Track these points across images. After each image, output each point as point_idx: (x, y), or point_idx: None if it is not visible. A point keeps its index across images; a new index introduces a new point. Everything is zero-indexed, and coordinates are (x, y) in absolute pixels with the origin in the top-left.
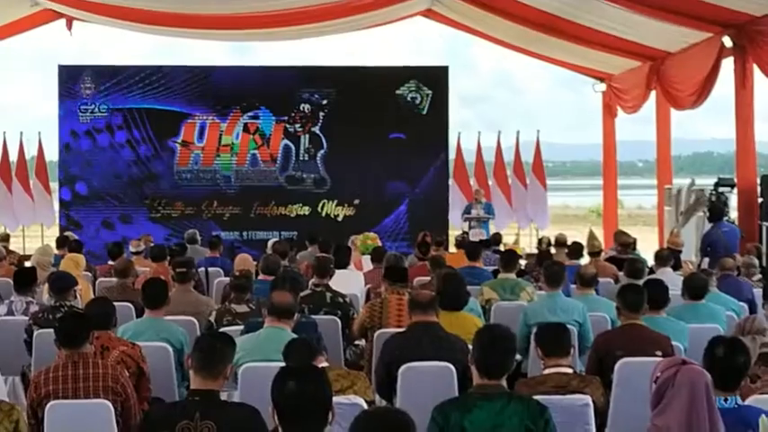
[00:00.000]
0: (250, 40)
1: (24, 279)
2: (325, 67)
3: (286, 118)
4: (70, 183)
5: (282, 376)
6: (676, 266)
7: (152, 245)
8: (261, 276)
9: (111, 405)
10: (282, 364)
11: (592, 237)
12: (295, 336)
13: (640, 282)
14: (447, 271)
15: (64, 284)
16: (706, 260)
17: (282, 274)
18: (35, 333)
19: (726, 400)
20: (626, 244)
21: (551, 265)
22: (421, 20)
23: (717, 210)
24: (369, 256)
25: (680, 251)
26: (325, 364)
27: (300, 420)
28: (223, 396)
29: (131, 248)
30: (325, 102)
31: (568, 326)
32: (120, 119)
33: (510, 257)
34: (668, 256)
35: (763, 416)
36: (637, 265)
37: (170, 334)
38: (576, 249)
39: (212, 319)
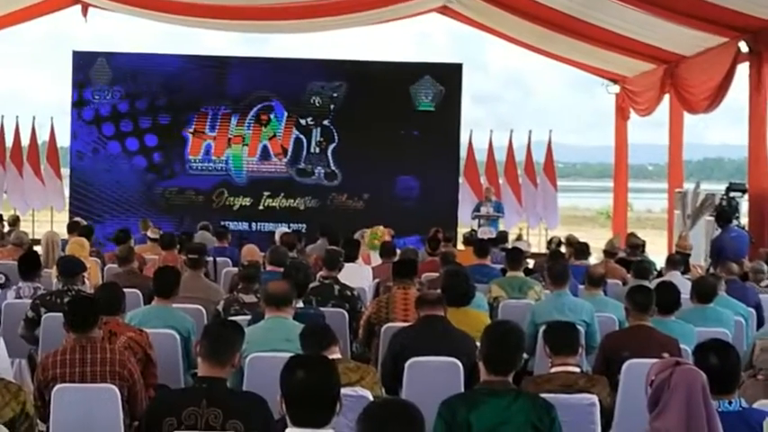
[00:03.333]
0: (266, 31)
1: (29, 265)
2: (338, 60)
3: (298, 110)
4: (81, 168)
5: (292, 366)
6: (686, 270)
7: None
8: (269, 267)
9: (117, 390)
10: (288, 353)
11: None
12: (297, 324)
13: (647, 282)
14: (450, 267)
15: (73, 268)
16: None
17: (292, 265)
18: (43, 316)
19: (730, 402)
20: (635, 246)
21: (555, 264)
22: (433, 17)
23: (725, 214)
24: (377, 251)
25: (689, 254)
26: (337, 355)
27: (308, 410)
28: None
29: (150, 234)
30: (336, 95)
31: (577, 325)
32: (132, 106)
33: (515, 255)
34: (679, 260)
35: None
36: (644, 266)
37: (177, 322)
38: (581, 249)
39: (220, 307)
